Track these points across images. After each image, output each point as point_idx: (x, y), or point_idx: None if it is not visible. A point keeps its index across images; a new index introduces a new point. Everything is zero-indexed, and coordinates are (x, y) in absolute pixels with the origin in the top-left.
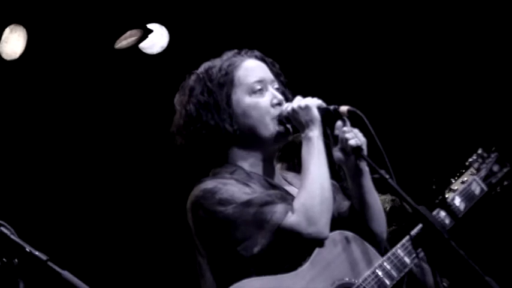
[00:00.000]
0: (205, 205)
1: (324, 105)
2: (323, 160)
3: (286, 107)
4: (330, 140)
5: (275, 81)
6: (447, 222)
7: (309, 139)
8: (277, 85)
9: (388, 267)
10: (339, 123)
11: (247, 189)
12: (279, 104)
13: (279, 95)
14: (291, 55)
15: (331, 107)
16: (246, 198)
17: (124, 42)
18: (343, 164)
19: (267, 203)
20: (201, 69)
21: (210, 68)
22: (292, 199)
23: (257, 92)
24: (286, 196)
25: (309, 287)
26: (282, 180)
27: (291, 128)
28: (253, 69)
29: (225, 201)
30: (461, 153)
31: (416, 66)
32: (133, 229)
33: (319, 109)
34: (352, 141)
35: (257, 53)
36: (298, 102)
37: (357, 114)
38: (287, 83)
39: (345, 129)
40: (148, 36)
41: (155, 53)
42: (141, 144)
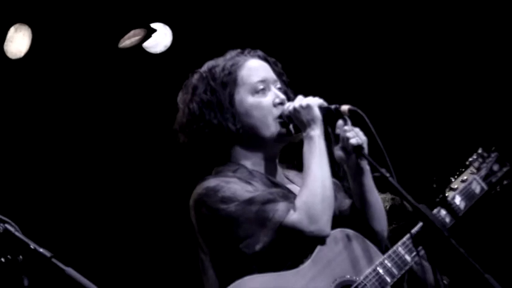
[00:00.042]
0: (208, 203)
1: (325, 104)
2: (324, 159)
3: (287, 106)
4: (331, 139)
5: (277, 81)
6: (447, 220)
7: (310, 138)
8: (279, 85)
9: (389, 265)
10: (340, 122)
11: (249, 187)
12: (281, 104)
13: (281, 95)
14: (293, 55)
15: (332, 106)
16: (248, 196)
17: (128, 41)
18: (344, 163)
19: (269, 201)
20: (205, 68)
21: (213, 67)
22: (294, 197)
23: (260, 92)
24: (288, 194)
25: (310, 285)
26: (284, 178)
27: (292, 128)
28: (256, 69)
29: (228, 199)
30: (462, 152)
31: (416, 66)
32: (136, 226)
33: (321, 108)
34: (353, 140)
35: (260, 52)
36: (300, 101)
37: (357, 114)
38: (289, 83)
39: (346, 128)
40: (152, 35)
41: (159, 52)
42: (145, 142)
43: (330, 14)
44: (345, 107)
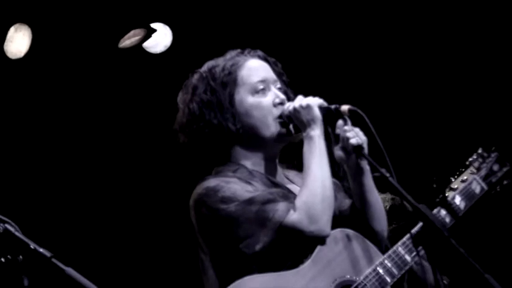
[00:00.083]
0: (208, 203)
1: (325, 104)
2: (324, 159)
3: (287, 106)
4: (331, 139)
5: (277, 81)
6: (447, 220)
7: (310, 138)
8: (279, 85)
9: (389, 265)
10: (340, 122)
11: (249, 187)
12: (281, 104)
13: (281, 95)
14: (293, 55)
15: (332, 106)
16: (248, 196)
17: (128, 41)
18: (344, 163)
19: (269, 201)
20: (205, 68)
21: (213, 67)
22: (294, 197)
23: (260, 92)
24: (288, 194)
25: (310, 285)
26: (284, 178)
27: (292, 128)
28: (256, 69)
29: (228, 199)
30: (462, 152)
31: (416, 66)
32: (136, 226)
33: (321, 108)
34: (353, 140)
35: (260, 52)
36: (300, 101)
37: (357, 114)
38: (289, 83)
39: (346, 128)
40: (152, 35)
41: (159, 52)
42: (145, 142)
43: (330, 14)
44: (345, 107)
